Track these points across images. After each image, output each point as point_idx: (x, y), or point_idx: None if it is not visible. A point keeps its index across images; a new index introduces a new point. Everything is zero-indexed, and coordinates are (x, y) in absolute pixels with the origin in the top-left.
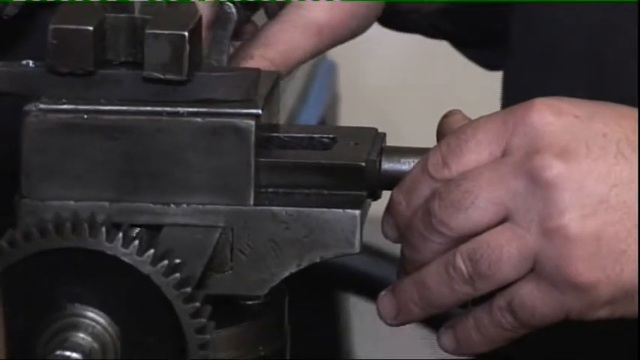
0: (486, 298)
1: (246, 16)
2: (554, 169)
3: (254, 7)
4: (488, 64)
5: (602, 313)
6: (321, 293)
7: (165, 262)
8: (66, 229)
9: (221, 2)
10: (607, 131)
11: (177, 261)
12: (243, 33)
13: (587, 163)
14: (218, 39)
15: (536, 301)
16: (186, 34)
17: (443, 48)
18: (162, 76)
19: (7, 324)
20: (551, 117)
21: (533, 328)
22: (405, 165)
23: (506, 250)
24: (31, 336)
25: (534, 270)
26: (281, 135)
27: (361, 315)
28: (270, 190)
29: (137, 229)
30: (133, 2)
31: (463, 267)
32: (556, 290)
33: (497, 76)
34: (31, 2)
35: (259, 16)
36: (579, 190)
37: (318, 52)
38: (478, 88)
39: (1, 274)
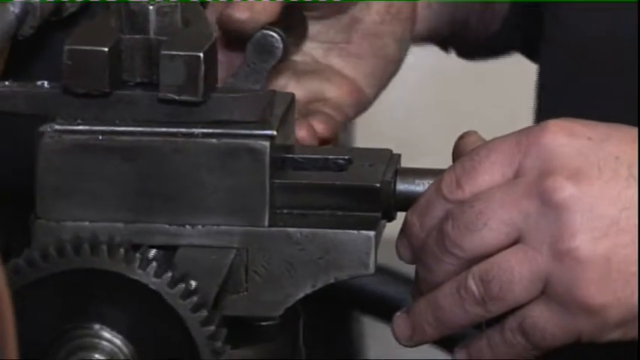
0: (500, 318)
1: (290, 51)
2: (565, 191)
3: (299, 41)
4: None
5: (614, 335)
6: (335, 314)
7: (183, 284)
8: (84, 250)
9: (268, 31)
10: (619, 154)
11: (194, 284)
12: None
13: (598, 185)
14: (257, 68)
15: (547, 323)
16: (202, 55)
17: (458, 66)
18: (177, 97)
19: (23, 343)
20: (564, 139)
21: (544, 350)
22: (420, 186)
23: (517, 271)
24: (46, 355)
25: (545, 292)
26: (296, 156)
27: (376, 336)
28: (285, 211)
29: (153, 251)
30: (148, 23)
31: (475, 288)
32: (567, 312)
33: (509, 96)
34: (47, 23)
35: None
36: (590, 212)
37: None
38: (494, 107)
39: (17, 293)
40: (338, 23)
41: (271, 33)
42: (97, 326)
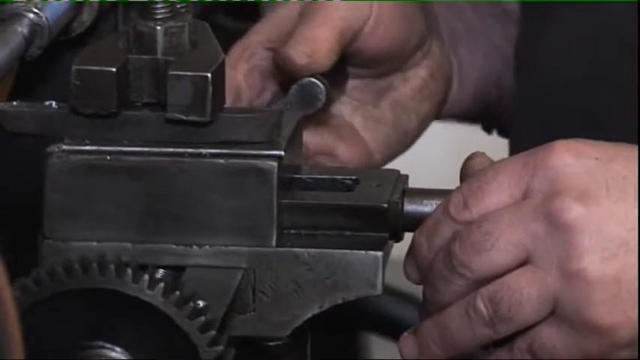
0: (508, 339)
1: (330, 100)
2: (573, 211)
3: (338, 95)
4: None
5: (623, 355)
6: (343, 334)
7: (191, 304)
8: (92, 270)
9: (316, 80)
10: (627, 174)
11: (202, 303)
12: None
13: (606, 205)
14: (293, 111)
15: (556, 343)
16: (209, 75)
17: None
18: (185, 118)
19: None
20: (572, 159)
21: None
22: (427, 207)
23: (526, 292)
24: None
25: (555, 312)
26: (303, 176)
27: (383, 356)
28: (293, 231)
29: (161, 271)
30: (156, 44)
31: (484, 309)
32: (576, 333)
33: None
34: (55, 43)
35: None
36: (599, 232)
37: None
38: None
39: (26, 312)
40: (374, 85)
41: (318, 83)
42: (105, 345)
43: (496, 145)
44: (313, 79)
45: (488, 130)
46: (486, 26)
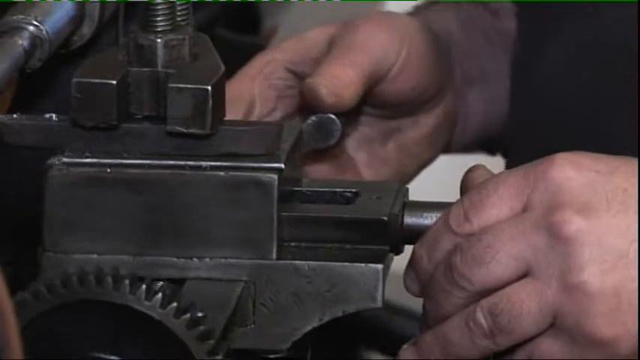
0: (508, 352)
1: (343, 137)
2: (574, 224)
3: (351, 131)
4: None
5: None
6: (342, 347)
7: (189, 315)
8: (89, 282)
9: (333, 116)
10: (627, 186)
11: (200, 314)
12: None
13: (607, 218)
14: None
15: (556, 356)
16: (210, 88)
17: None
18: (185, 130)
19: None
20: (572, 172)
21: None
22: (428, 219)
23: (526, 304)
24: None
25: (554, 325)
26: (304, 189)
27: None
28: (293, 244)
29: (160, 283)
30: (156, 56)
31: (484, 321)
32: (576, 345)
33: None
34: (55, 56)
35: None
36: (599, 245)
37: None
38: None
39: (25, 326)
40: (384, 125)
41: (337, 121)
42: (104, 358)
43: (495, 158)
44: (332, 116)
45: (491, 152)
46: (499, 70)
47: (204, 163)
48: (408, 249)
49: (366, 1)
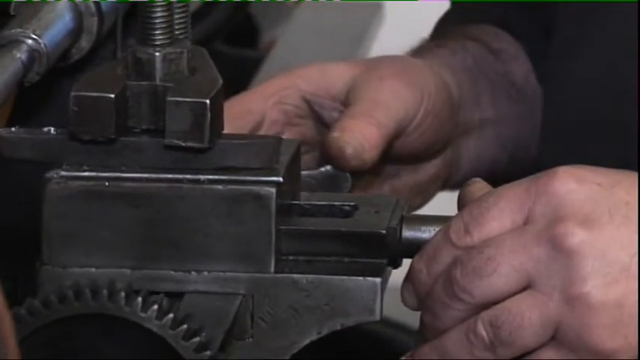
0: None
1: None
2: (576, 236)
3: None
4: None
5: None
6: None
7: (185, 326)
8: (85, 296)
9: (336, 170)
10: (629, 199)
11: (197, 326)
12: None
13: (609, 231)
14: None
15: None
16: (208, 101)
17: None
18: (183, 144)
19: None
20: (574, 185)
21: None
22: (426, 233)
23: (527, 317)
24: None
25: (556, 337)
26: (302, 202)
27: None
28: (291, 257)
29: (159, 295)
30: (154, 70)
31: (484, 334)
32: (577, 358)
33: None
34: (53, 69)
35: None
36: (602, 257)
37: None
38: None
39: (22, 341)
40: (383, 168)
41: (348, 177)
42: None
43: None
44: (347, 174)
45: None
46: (498, 117)
47: (202, 177)
48: (406, 262)
49: (365, 1)
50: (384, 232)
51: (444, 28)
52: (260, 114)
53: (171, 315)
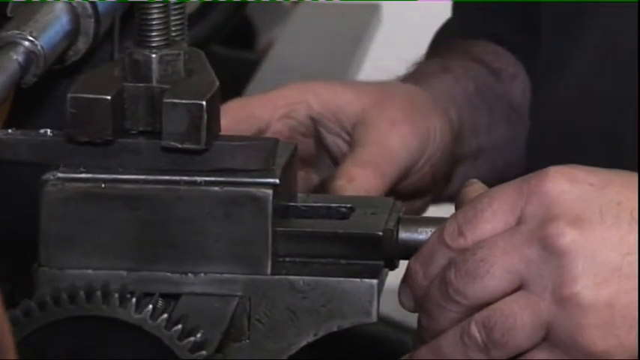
0: None
1: None
2: (567, 236)
3: None
4: None
5: None
6: None
7: (180, 326)
8: (80, 298)
9: None
10: (621, 199)
11: (192, 326)
12: None
13: (600, 231)
14: None
15: None
16: (204, 103)
17: None
18: (180, 146)
19: None
20: (566, 185)
21: None
22: (422, 235)
23: (519, 318)
24: None
25: (548, 338)
26: (299, 204)
27: None
28: (288, 259)
29: (155, 297)
30: (151, 72)
31: (478, 335)
32: (570, 358)
33: None
34: (50, 71)
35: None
36: (593, 258)
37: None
38: None
39: (19, 343)
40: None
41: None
42: None
43: None
44: None
45: None
46: (494, 145)
47: (199, 179)
48: (403, 264)
49: (363, 2)
50: (380, 233)
51: (446, 43)
52: (265, 122)
53: (165, 315)
